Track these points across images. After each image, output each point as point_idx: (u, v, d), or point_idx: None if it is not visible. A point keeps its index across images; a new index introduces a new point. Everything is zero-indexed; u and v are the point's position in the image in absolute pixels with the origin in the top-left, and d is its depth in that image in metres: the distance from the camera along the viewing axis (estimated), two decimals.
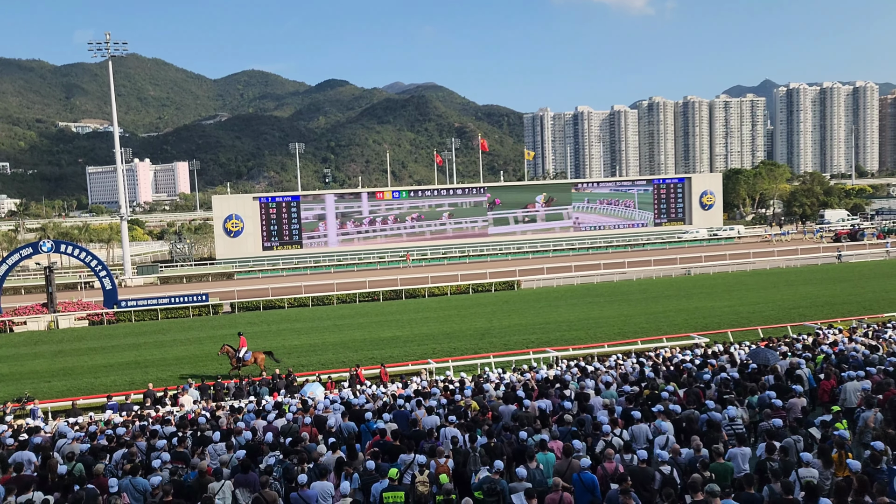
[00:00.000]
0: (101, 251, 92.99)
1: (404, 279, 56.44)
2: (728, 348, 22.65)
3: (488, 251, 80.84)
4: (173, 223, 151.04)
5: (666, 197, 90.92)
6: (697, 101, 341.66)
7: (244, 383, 24.11)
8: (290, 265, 75.71)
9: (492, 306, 44.43)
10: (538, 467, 10.83)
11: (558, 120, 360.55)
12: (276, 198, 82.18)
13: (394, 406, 16.18)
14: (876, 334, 22.62)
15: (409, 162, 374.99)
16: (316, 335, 37.20)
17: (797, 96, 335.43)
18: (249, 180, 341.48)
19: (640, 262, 61.88)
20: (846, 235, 75.91)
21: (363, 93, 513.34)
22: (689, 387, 15.84)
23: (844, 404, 14.18)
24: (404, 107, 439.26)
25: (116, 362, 32.58)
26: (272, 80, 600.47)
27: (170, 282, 70.65)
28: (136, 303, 48.28)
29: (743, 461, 11.11)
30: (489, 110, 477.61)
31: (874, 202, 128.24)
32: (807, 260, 60.93)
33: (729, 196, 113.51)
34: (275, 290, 54.57)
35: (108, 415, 19.86)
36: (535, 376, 19.82)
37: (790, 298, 40.31)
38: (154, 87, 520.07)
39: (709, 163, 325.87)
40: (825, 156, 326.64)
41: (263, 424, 15.17)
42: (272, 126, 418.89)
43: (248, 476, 11.24)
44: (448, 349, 31.04)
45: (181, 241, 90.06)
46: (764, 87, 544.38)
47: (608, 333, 32.59)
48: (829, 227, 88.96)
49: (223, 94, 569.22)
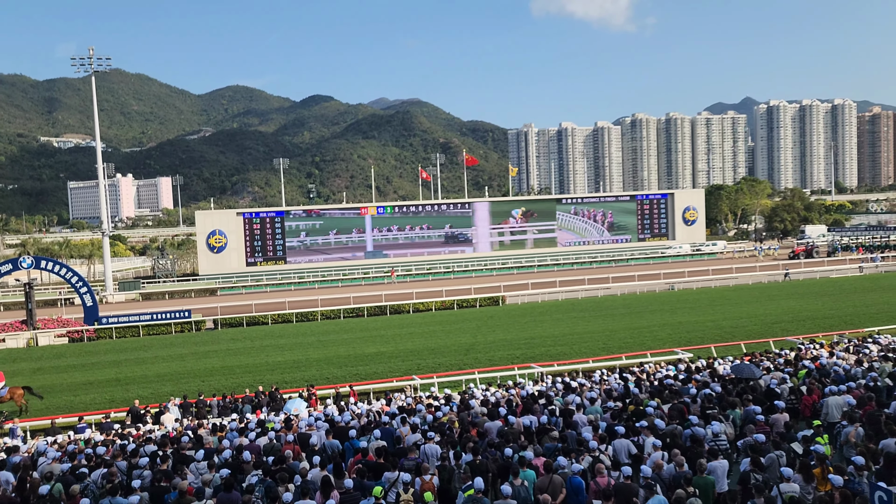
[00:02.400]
0: (82, 267, 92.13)
1: (389, 295, 56.32)
2: (711, 363, 22.75)
3: (473, 267, 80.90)
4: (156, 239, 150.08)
5: (649, 212, 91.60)
6: (680, 117, 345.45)
7: (227, 401, 23.88)
8: (275, 281, 75.32)
9: (476, 322, 44.41)
10: (523, 484, 10.80)
11: (542, 136, 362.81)
12: (259, 213, 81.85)
13: (378, 423, 16.09)
14: (857, 349, 22.83)
15: (393, 177, 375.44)
16: (300, 351, 36.97)
17: (777, 113, 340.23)
18: (233, 195, 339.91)
19: (624, 278, 62.20)
20: (803, 253, 76.87)
21: (348, 108, 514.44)
22: (672, 402, 15.90)
23: (826, 419, 14.28)
24: (389, 122, 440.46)
25: (97, 380, 32.15)
26: (256, 95, 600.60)
27: (152, 298, 70.02)
28: (117, 319, 47.79)
29: (722, 474, 11.17)
30: (474, 126, 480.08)
31: (853, 218, 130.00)
32: (758, 277, 60.91)
33: (711, 211, 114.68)
34: (258, 306, 54.27)
35: (87, 434, 19.59)
36: (520, 392, 19.79)
37: (773, 313, 40.62)
38: (137, 101, 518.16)
39: (691, 178, 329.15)
40: (805, 172, 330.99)
41: (246, 442, 15.03)
42: (256, 141, 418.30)
43: (230, 495, 11.12)
44: (433, 365, 30.93)
45: (164, 256, 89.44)
46: (745, 104, 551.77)
47: (592, 349, 32.64)
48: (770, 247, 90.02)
49: (207, 109, 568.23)
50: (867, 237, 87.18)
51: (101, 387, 30.54)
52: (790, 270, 61.21)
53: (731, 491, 9.70)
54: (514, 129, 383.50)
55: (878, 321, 34.17)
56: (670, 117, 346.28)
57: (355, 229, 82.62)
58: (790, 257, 76.39)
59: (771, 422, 13.80)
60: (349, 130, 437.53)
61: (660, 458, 11.42)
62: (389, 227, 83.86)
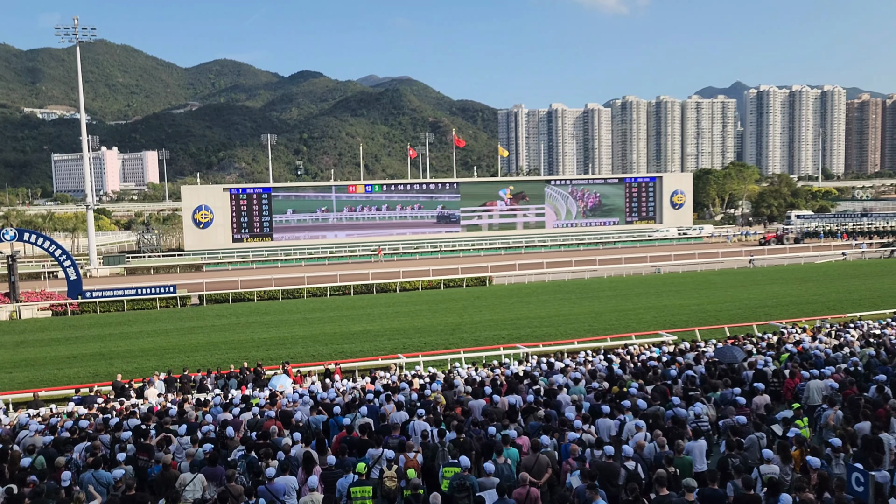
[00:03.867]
0: (66, 241, 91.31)
1: (376, 273, 56.27)
2: (695, 346, 22.95)
3: (460, 247, 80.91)
4: (141, 213, 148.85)
5: (637, 195, 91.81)
6: (670, 101, 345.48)
7: (212, 376, 23.83)
8: (261, 258, 75.03)
9: (463, 301, 44.49)
10: (506, 462, 10.87)
11: (532, 117, 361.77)
12: (246, 189, 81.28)
13: (363, 401, 16.12)
14: (838, 334, 23.09)
15: (382, 156, 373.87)
16: (285, 328, 36.92)
17: (767, 99, 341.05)
18: (220, 171, 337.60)
19: (611, 260, 62.45)
20: (773, 239, 77.28)
21: (337, 85, 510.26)
22: (655, 384, 16.03)
23: (807, 402, 14.46)
24: (378, 100, 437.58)
25: (80, 353, 31.99)
26: (244, 69, 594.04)
27: (137, 273, 69.59)
28: (101, 294, 47.47)
29: (700, 455, 11.30)
30: (463, 105, 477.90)
31: (839, 204, 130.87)
32: (724, 263, 60.71)
33: (699, 196, 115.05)
34: (244, 282, 54.07)
35: (71, 407, 19.51)
36: (504, 372, 19.88)
37: (757, 297, 40.97)
38: (123, 73, 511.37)
39: (680, 162, 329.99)
40: (793, 158, 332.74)
41: (230, 418, 15.02)
42: (244, 116, 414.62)
43: (214, 469, 11.14)
44: (418, 344, 30.99)
45: (149, 231, 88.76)
46: (735, 88, 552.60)
47: (578, 330, 32.80)
48: (745, 232, 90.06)
49: (194, 83, 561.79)
50: (835, 223, 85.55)
51: (85, 361, 30.40)
52: (755, 257, 61.06)
53: (711, 471, 9.80)
54: (504, 109, 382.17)
55: (860, 307, 34.60)
56: (660, 101, 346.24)
57: (343, 207, 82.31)
58: (760, 243, 76.69)
59: (752, 404, 13.95)
60: (338, 107, 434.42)
61: (642, 439, 11.52)
62: (377, 206, 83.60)
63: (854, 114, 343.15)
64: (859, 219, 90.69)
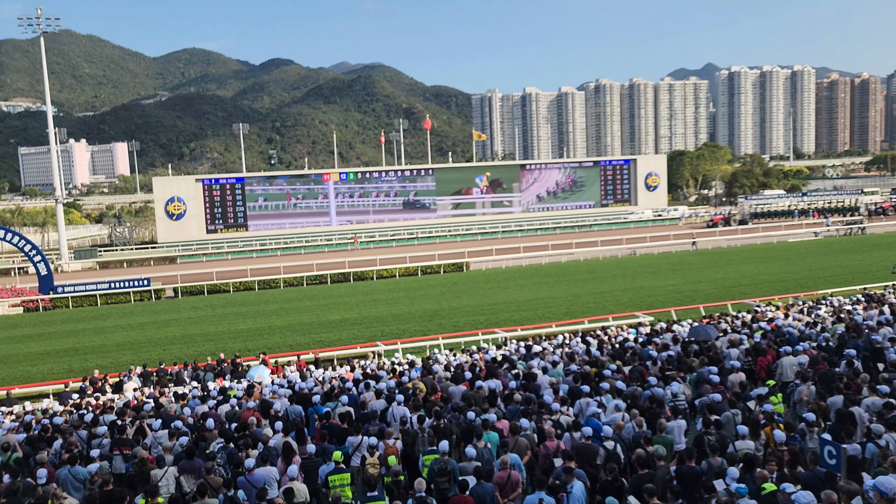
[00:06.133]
0: (36, 235, 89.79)
1: (352, 261, 56.06)
2: (671, 326, 23.16)
3: (437, 233, 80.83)
4: (112, 206, 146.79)
5: (612, 178, 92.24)
6: (643, 83, 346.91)
7: (189, 369, 23.60)
8: (236, 248, 74.34)
9: (440, 288, 44.50)
10: (486, 446, 10.91)
11: (506, 101, 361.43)
12: (219, 179, 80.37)
13: (343, 389, 16.08)
14: (810, 311, 23.44)
15: (356, 143, 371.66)
16: (262, 319, 36.69)
17: (738, 79, 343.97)
18: (192, 162, 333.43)
19: (588, 243, 62.75)
20: (721, 221, 77.43)
21: (309, 72, 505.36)
22: (633, 364, 16.17)
23: (781, 378, 14.68)
24: (351, 87, 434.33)
25: (53, 350, 31.54)
26: (214, 58, 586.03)
27: (109, 266, 68.66)
28: (73, 288, 46.78)
29: (679, 433, 11.45)
30: (437, 91, 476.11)
31: (810, 183, 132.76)
32: (667, 247, 60.63)
33: (673, 177, 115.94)
34: (220, 273, 53.59)
35: (45, 404, 19.23)
36: (483, 357, 19.92)
37: (731, 277, 41.46)
38: (89, 64, 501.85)
39: (654, 144, 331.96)
40: (765, 138, 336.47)
41: (207, 410, 14.91)
42: (215, 106, 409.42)
43: (192, 462, 11.04)
44: (397, 331, 30.96)
45: (121, 224, 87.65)
46: (707, 70, 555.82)
47: (556, 313, 32.97)
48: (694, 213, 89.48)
49: (163, 73, 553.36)
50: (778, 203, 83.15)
51: (59, 357, 29.99)
52: (697, 239, 60.88)
53: (688, 449, 9.92)
54: (477, 94, 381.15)
55: (832, 284, 35.16)
56: (634, 83, 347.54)
57: (318, 196, 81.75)
58: (708, 226, 76.97)
59: (728, 382, 14.13)
60: (310, 95, 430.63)
61: (620, 419, 11.62)
62: (352, 194, 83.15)
63: (823, 93, 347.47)
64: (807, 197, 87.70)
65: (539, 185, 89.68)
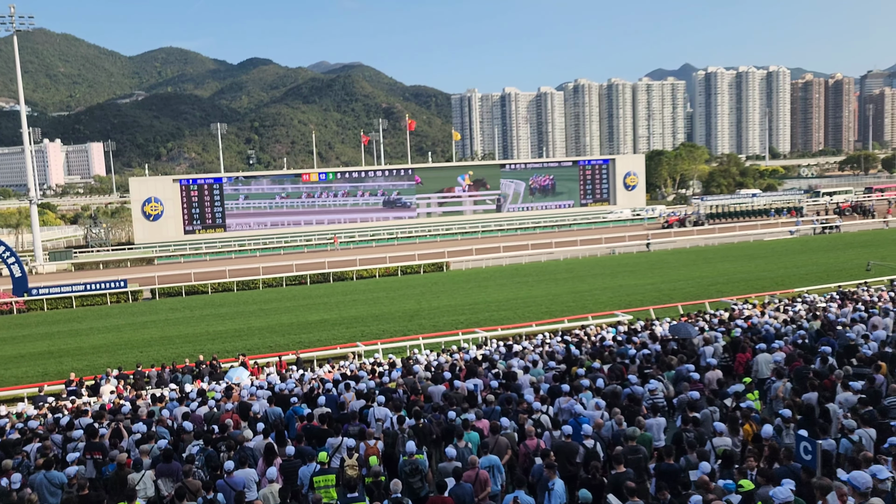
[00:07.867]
0: (10, 237, 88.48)
1: (332, 262, 55.82)
2: (650, 325, 23.34)
3: (417, 233, 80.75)
4: (88, 207, 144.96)
5: (591, 178, 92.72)
6: (621, 83, 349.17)
7: (167, 371, 23.37)
8: (214, 249, 73.67)
9: (421, 288, 44.46)
10: (466, 446, 10.92)
11: (486, 101, 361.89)
12: (197, 180, 79.62)
13: (323, 390, 16.01)
14: (786, 308, 23.74)
15: (335, 143, 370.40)
16: (241, 320, 36.42)
17: (715, 80, 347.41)
18: (169, 162, 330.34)
19: (567, 243, 62.97)
20: (676, 223, 77.17)
21: (287, 72, 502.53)
22: (612, 363, 16.27)
23: (757, 375, 14.85)
24: (330, 87, 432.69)
25: (28, 352, 31.06)
26: (191, 57, 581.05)
27: (85, 268, 67.75)
28: (48, 290, 46.09)
29: (658, 430, 11.54)
30: (417, 91, 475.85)
31: (786, 182, 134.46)
32: (625, 247, 60.57)
33: (651, 177, 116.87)
34: (198, 274, 53.09)
35: (20, 407, 18.95)
36: (463, 357, 19.94)
37: (708, 275, 41.87)
38: (64, 63, 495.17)
39: (632, 144, 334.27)
40: (741, 138, 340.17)
41: (185, 412, 14.77)
42: (192, 105, 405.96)
43: (170, 465, 10.93)
44: (377, 332, 30.90)
45: (97, 225, 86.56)
46: (684, 70, 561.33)
47: (536, 313, 33.09)
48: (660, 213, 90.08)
49: (139, 72, 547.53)
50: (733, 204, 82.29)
51: (34, 360, 29.55)
52: (652, 241, 60.98)
53: (667, 446, 10.01)
54: (457, 94, 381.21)
55: (807, 282, 35.62)
56: (612, 83, 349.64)
57: (297, 196, 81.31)
58: (663, 227, 76.81)
59: (705, 379, 14.26)
60: (289, 95, 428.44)
61: (599, 417, 11.69)
62: (332, 194, 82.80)
63: (798, 94, 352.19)
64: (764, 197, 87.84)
65: (519, 185, 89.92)
